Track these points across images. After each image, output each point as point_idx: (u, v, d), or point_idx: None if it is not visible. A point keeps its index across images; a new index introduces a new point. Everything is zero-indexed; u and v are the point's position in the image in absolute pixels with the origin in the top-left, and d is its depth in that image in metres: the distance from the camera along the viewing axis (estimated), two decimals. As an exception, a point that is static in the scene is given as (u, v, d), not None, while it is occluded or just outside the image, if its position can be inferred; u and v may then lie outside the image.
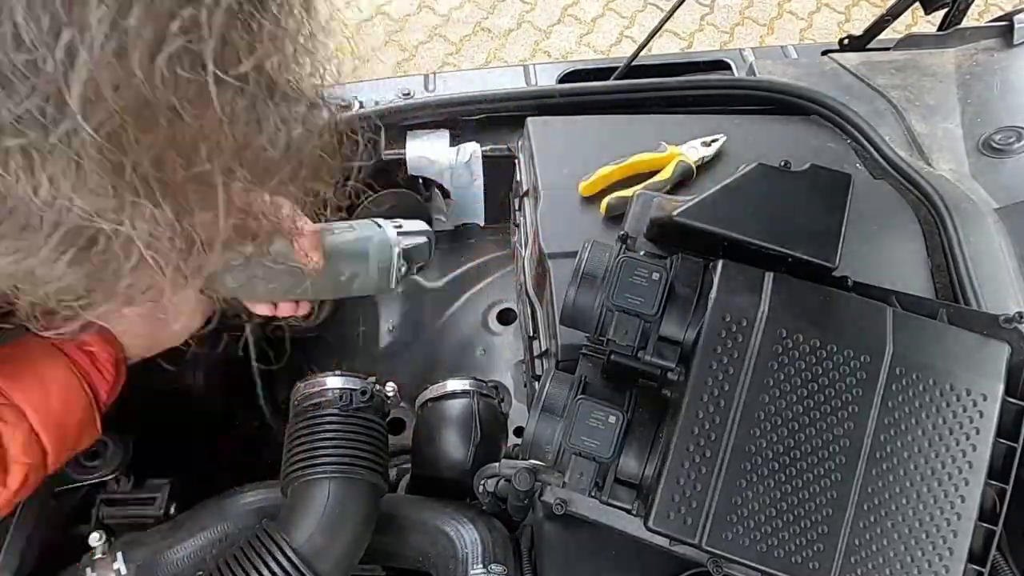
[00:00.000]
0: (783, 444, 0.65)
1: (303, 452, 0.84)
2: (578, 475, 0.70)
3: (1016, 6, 1.75)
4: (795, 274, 0.71)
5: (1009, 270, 0.89)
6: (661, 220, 0.77)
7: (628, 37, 2.79)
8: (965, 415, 0.67)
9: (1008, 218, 0.94)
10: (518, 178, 1.16)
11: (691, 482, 0.65)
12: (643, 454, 0.70)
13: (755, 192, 0.72)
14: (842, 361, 0.67)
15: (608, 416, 0.69)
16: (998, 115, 1.08)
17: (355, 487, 0.83)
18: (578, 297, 0.74)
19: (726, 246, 0.73)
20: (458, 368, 1.32)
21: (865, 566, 0.64)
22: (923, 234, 0.97)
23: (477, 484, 0.89)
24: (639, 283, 0.70)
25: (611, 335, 0.71)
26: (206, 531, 0.87)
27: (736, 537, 0.64)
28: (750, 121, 1.14)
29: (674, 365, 0.70)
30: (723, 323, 0.68)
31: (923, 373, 0.67)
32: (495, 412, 1.03)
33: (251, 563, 0.77)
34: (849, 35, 1.31)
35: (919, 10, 1.27)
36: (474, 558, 0.84)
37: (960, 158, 1.06)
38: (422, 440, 1.01)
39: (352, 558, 0.82)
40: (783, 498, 0.65)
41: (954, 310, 0.73)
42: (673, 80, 1.24)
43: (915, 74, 1.17)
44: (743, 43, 2.80)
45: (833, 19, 2.88)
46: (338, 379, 0.87)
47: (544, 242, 0.96)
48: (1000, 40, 1.19)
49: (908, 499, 0.65)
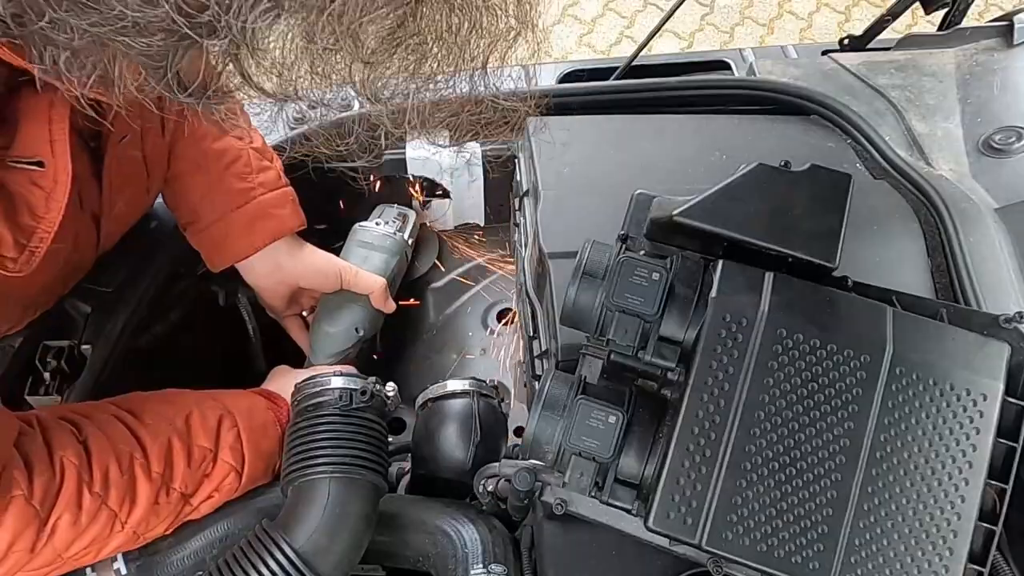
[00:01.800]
0: (783, 444, 0.65)
1: (303, 452, 0.84)
2: (578, 475, 0.70)
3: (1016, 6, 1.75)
4: (795, 274, 0.71)
5: (1009, 270, 0.89)
6: (661, 220, 0.77)
7: (628, 37, 2.79)
8: (965, 415, 0.67)
9: (1008, 218, 0.94)
10: (518, 178, 1.16)
11: (691, 482, 0.65)
12: (643, 454, 0.70)
13: (755, 192, 0.72)
14: (842, 361, 0.67)
15: (608, 416, 0.69)
16: (998, 115, 1.08)
17: (355, 487, 0.83)
18: (578, 297, 0.74)
19: (726, 246, 0.73)
20: (458, 368, 1.32)
21: (865, 566, 0.64)
22: (923, 234, 0.96)
23: (477, 484, 0.89)
24: (639, 283, 0.70)
25: (611, 335, 0.71)
26: (206, 531, 0.87)
27: (736, 537, 0.64)
28: (750, 121, 1.14)
29: (674, 365, 0.70)
30: (723, 323, 0.68)
31: (923, 373, 0.67)
32: (495, 412, 1.03)
33: (251, 563, 0.77)
34: (849, 35, 1.31)
35: (919, 10, 1.27)
36: (474, 558, 0.84)
37: (960, 158, 1.06)
38: (422, 440, 1.01)
39: (352, 558, 0.82)
40: (783, 498, 0.65)
41: (954, 310, 0.73)
42: (673, 80, 1.24)
43: (915, 74, 1.17)
44: (743, 43, 2.80)
45: (833, 19, 2.88)
46: (338, 379, 0.87)
47: (544, 242, 0.96)
48: (1000, 40, 1.19)
49: (908, 499, 0.65)
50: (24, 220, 0.68)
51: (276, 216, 1.05)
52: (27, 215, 0.68)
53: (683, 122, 1.14)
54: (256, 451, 0.88)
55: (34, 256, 0.69)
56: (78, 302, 1.02)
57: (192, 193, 1.01)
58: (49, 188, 0.68)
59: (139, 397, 0.86)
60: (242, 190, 1.02)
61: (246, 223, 1.03)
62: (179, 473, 0.81)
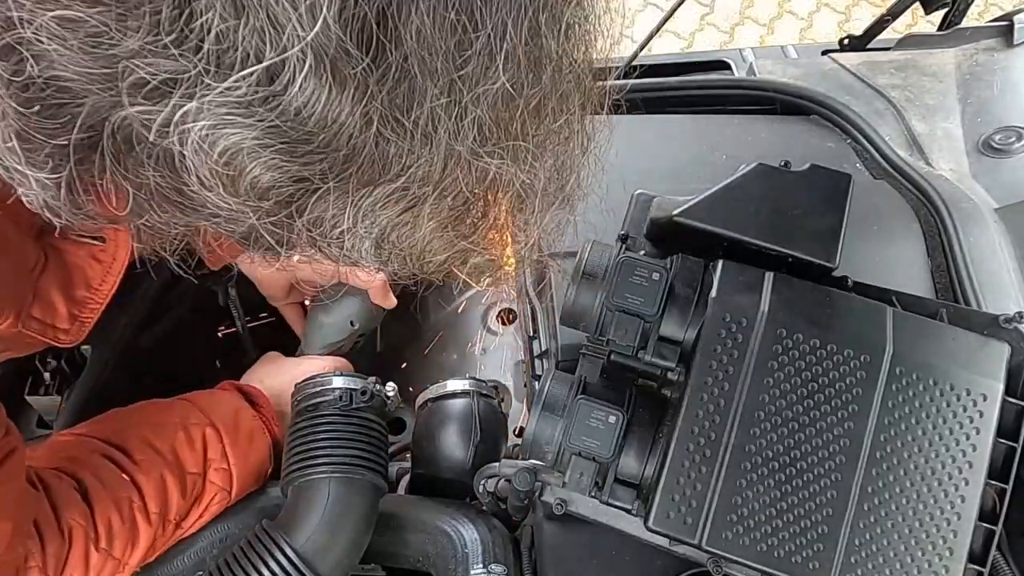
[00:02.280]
0: (783, 444, 0.65)
1: (303, 452, 0.84)
2: (578, 475, 0.70)
3: (1016, 6, 1.75)
4: (795, 274, 0.71)
5: (1009, 270, 0.89)
6: (661, 220, 0.77)
7: (628, 37, 2.79)
8: (965, 415, 0.67)
9: (1008, 218, 0.94)
10: (518, 178, 1.15)
11: (691, 482, 0.65)
12: (643, 454, 0.70)
13: (755, 192, 0.72)
14: (842, 361, 0.67)
15: (608, 416, 0.69)
16: (998, 115, 1.08)
17: (355, 487, 0.83)
18: (578, 297, 0.74)
19: (726, 246, 0.73)
20: (458, 368, 1.32)
21: (865, 566, 0.64)
22: (923, 234, 0.96)
23: (477, 484, 0.89)
24: (639, 283, 0.70)
25: (611, 335, 0.71)
26: (206, 531, 0.87)
27: (736, 537, 0.64)
28: (750, 121, 1.14)
29: (674, 365, 0.70)
30: (723, 323, 0.68)
31: (923, 373, 0.67)
32: (495, 412, 1.03)
33: (251, 563, 0.77)
34: (849, 35, 1.31)
35: (919, 10, 1.27)
36: (474, 558, 0.84)
37: (960, 158, 1.06)
38: (422, 440, 1.01)
39: (352, 558, 0.82)
40: (783, 498, 0.65)
41: (954, 310, 0.73)
42: (673, 80, 1.24)
43: (915, 74, 1.17)
44: (743, 43, 2.79)
45: (833, 19, 2.88)
46: (338, 379, 0.87)
47: (544, 242, 0.96)
48: (1000, 40, 1.19)
49: (908, 499, 0.65)
50: (79, 293, 0.68)
51: None
52: (83, 287, 0.69)
53: (683, 122, 1.14)
54: (244, 465, 0.87)
55: (84, 327, 0.70)
56: (78, 302, 1.02)
57: None
58: (108, 263, 0.69)
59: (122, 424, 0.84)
60: None
61: None
62: (174, 505, 0.81)
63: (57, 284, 0.66)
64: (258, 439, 0.91)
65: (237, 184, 0.40)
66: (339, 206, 0.43)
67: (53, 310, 0.66)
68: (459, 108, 0.40)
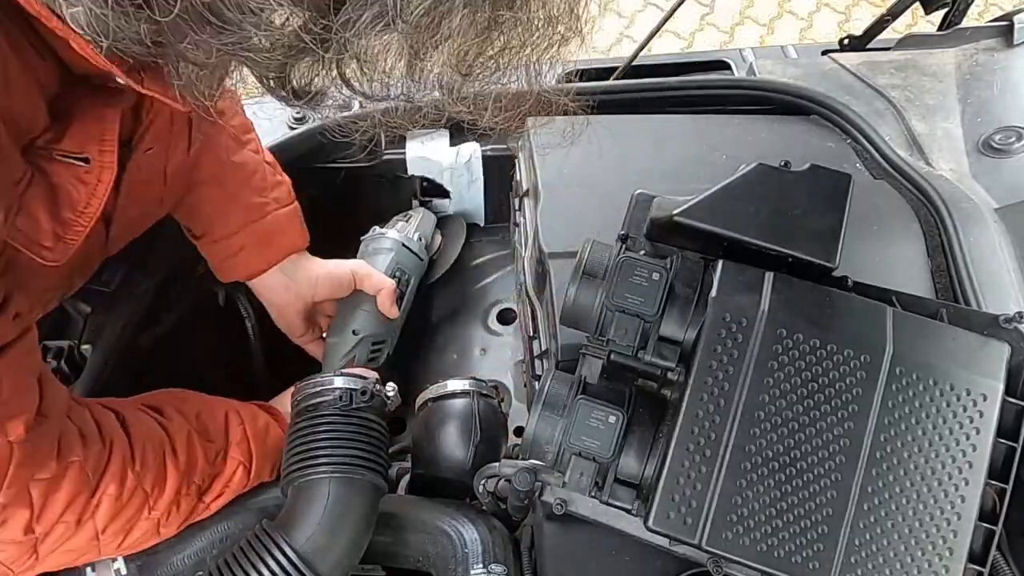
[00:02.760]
0: (783, 444, 0.65)
1: (303, 452, 0.84)
2: (578, 475, 0.70)
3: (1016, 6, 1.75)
4: (795, 274, 0.71)
5: (1009, 270, 0.89)
6: (661, 220, 0.77)
7: (628, 37, 2.79)
8: (965, 415, 0.67)
9: (1008, 218, 0.94)
10: (518, 178, 1.16)
11: (691, 482, 0.65)
12: (643, 454, 0.70)
13: (755, 192, 0.72)
14: (842, 361, 0.67)
15: (608, 416, 0.69)
16: (998, 115, 1.08)
17: (355, 487, 0.83)
18: (578, 297, 0.74)
19: (726, 246, 0.73)
20: (458, 368, 1.32)
21: (865, 566, 0.64)
22: (923, 234, 0.96)
23: (477, 484, 0.89)
24: (639, 283, 0.70)
25: (611, 335, 0.71)
26: (206, 531, 0.87)
27: (736, 537, 0.64)
28: (750, 121, 1.14)
29: (674, 365, 0.70)
30: (723, 323, 0.68)
31: (923, 373, 0.67)
32: (495, 412, 1.03)
33: (251, 563, 0.77)
34: (849, 35, 1.31)
35: (919, 10, 1.28)
36: (474, 558, 0.84)
37: (960, 158, 1.06)
38: (422, 440, 1.01)
39: (352, 558, 0.82)
40: (783, 498, 0.65)
41: (954, 310, 0.73)
42: (673, 80, 1.24)
43: (915, 74, 1.17)
44: (743, 43, 2.79)
45: (833, 19, 2.88)
46: (338, 379, 0.87)
47: (544, 242, 0.96)
48: (1000, 40, 1.19)
49: (908, 499, 0.65)
50: (65, 214, 0.69)
51: (289, 232, 1.06)
52: (68, 209, 0.69)
53: (683, 122, 1.14)
54: (261, 448, 0.90)
55: (68, 249, 0.70)
56: (78, 302, 1.02)
57: (208, 205, 1.01)
58: (92, 185, 0.69)
59: (155, 395, 0.89)
60: (258, 204, 1.02)
61: (261, 238, 1.04)
62: (199, 467, 0.84)
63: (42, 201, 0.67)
64: (272, 431, 0.94)
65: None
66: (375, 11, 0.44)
67: (37, 225, 0.66)
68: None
